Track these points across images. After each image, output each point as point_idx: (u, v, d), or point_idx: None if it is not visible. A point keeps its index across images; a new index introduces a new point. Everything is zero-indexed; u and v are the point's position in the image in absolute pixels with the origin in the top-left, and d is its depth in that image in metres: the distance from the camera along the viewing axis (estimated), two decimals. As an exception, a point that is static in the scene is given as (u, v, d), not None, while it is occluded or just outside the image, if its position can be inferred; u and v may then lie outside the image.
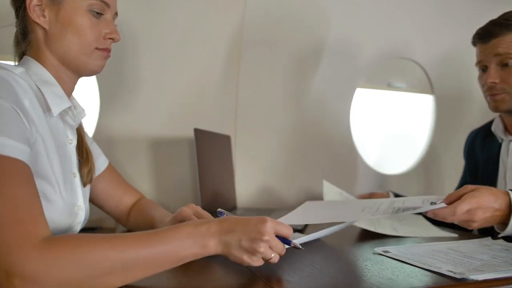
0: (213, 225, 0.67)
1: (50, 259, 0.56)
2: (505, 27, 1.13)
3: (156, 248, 0.62)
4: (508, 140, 1.22)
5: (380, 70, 1.85)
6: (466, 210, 0.84)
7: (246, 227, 0.67)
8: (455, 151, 1.94)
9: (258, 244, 0.66)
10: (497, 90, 1.16)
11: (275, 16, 1.61)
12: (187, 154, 1.54)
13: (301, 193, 1.74)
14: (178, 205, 1.48)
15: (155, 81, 1.47)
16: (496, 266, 0.74)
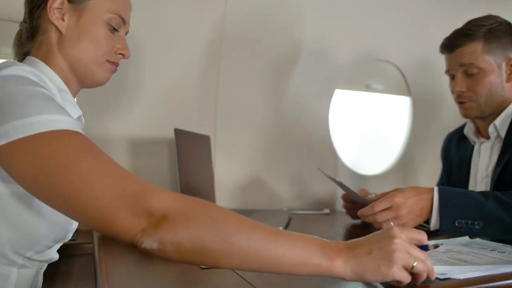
0: (341, 244, 0.61)
1: (185, 204, 0.57)
2: (466, 36, 1.16)
3: (290, 245, 0.58)
4: (480, 142, 1.26)
5: (359, 71, 1.87)
6: (389, 208, 0.94)
7: (374, 236, 0.62)
8: (430, 153, 1.98)
9: (392, 249, 0.58)
10: (464, 98, 1.20)
11: (256, 17, 1.61)
12: (166, 155, 1.52)
13: (281, 193, 1.74)
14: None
15: (134, 80, 1.44)
16: (477, 265, 0.75)
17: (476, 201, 0.92)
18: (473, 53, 1.16)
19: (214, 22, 1.55)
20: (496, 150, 1.19)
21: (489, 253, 0.86)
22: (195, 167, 1.38)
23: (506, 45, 1.17)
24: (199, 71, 1.56)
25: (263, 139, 1.72)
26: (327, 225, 1.44)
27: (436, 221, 0.95)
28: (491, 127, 1.19)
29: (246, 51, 1.62)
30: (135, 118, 1.46)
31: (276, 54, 1.67)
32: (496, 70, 1.16)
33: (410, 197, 0.95)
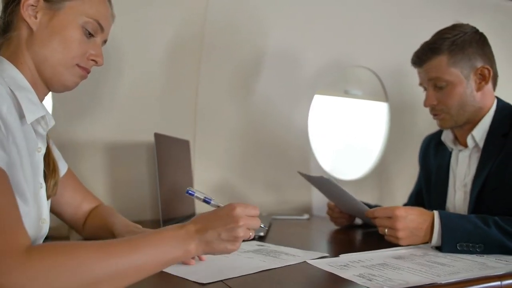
0: (190, 227, 0.68)
1: (37, 268, 0.52)
2: (431, 51, 1.18)
3: (146, 252, 0.61)
4: (458, 150, 1.26)
5: (338, 77, 1.89)
6: (389, 216, 0.99)
7: (221, 220, 0.70)
8: (406, 158, 2.01)
9: (236, 231, 0.69)
10: (437, 111, 1.22)
11: (235, 22, 1.61)
12: (144, 159, 1.50)
13: (261, 198, 1.74)
14: (136, 211, 1.45)
15: (112, 83, 1.42)
16: (455, 268, 0.77)
17: (477, 226, 0.93)
18: (439, 67, 1.17)
19: (194, 26, 1.54)
20: (474, 159, 1.20)
21: (467, 256, 0.88)
22: (174, 172, 1.37)
23: (472, 55, 1.16)
24: (179, 75, 1.55)
25: (242, 144, 1.71)
26: (308, 229, 1.44)
27: (436, 242, 0.96)
28: (469, 138, 1.20)
29: (225, 57, 1.62)
30: (112, 122, 1.44)
31: (255, 60, 1.67)
32: (464, 81, 1.16)
33: (412, 214, 0.98)
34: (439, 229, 0.95)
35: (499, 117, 1.17)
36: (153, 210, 1.49)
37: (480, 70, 1.17)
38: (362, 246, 1.05)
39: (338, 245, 1.16)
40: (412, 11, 1.90)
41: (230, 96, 1.67)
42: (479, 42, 1.18)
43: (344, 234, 1.28)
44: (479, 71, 1.17)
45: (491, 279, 0.72)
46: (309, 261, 0.85)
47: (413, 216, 0.98)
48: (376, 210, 1.04)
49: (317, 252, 0.93)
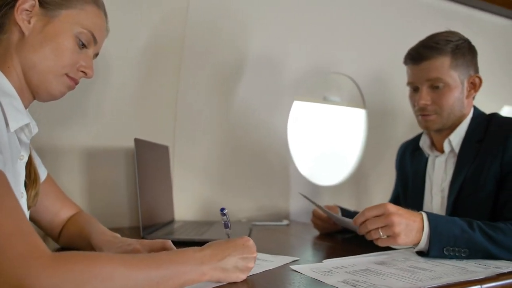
0: (208, 252, 0.70)
1: (63, 272, 0.52)
2: (435, 50, 1.17)
3: (166, 269, 0.63)
4: (434, 155, 1.29)
5: (317, 84, 1.91)
6: (380, 215, 0.93)
7: (238, 250, 0.73)
8: (383, 164, 2.04)
9: (251, 262, 0.74)
10: (428, 111, 1.21)
11: (215, 27, 1.60)
12: (123, 165, 1.47)
13: (240, 204, 1.73)
14: (114, 218, 1.43)
15: (90, 88, 1.39)
16: (436, 273, 0.78)
17: (463, 231, 0.92)
18: (441, 68, 1.16)
19: (175, 30, 1.53)
20: (450, 164, 1.23)
21: (448, 261, 0.90)
22: (154, 178, 1.35)
23: (469, 62, 1.19)
24: (158, 80, 1.53)
25: (222, 150, 1.70)
26: (289, 235, 1.44)
27: (425, 245, 0.93)
28: (446, 142, 1.22)
29: (206, 61, 1.61)
30: (90, 127, 1.41)
31: (236, 65, 1.67)
32: (459, 86, 1.19)
33: (401, 210, 0.93)
34: (428, 233, 0.92)
35: (474, 124, 1.21)
36: (132, 216, 1.47)
37: (473, 79, 1.21)
38: (344, 251, 1.05)
39: (320, 250, 1.16)
40: (390, 20, 1.94)
41: (210, 102, 1.66)
42: (473, 52, 1.22)
43: (325, 239, 1.28)
44: (471, 79, 1.21)
45: (472, 283, 0.73)
46: (293, 266, 0.85)
47: (403, 211, 0.93)
48: (365, 211, 0.96)
49: (289, 256, 0.94)
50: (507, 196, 1.07)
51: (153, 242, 0.85)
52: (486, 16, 2.13)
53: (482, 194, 1.11)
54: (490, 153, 1.12)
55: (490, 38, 2.13)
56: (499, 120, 1.19)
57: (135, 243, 0.85)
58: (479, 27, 2.10)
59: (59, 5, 0.80)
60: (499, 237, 0.92)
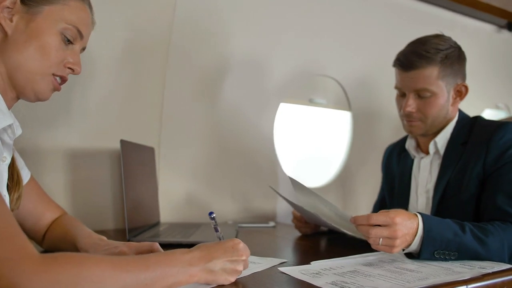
0: (196, 254, 0.69)
1: (54, 274, 0.52)
2: (425, 59, 1.16)
3: (155, 271, 0.62)
4: (420, 157, 1.31)
5: (303, 86, 1.91)
6: (385, 226, 0.88)
7: (227, 252, 0.72)
8: (368, 165, 2.06)
9: (239, 265, 0.73)
10: (414, 118, 1.22)
11: (203, 27, 1.60)
12: (108, 167, 1.45)
13: (226, 206, 1.73)
14: (99, 221, 1.41)
15: (76, 88, 1.37)
16: (423, 274, 0.79)
17: (456, 234, 0.92)
18: (428, 78, 1.16)
19: (161, 32, 1.52)
20: (435, 166, 1.25)
21: (434, 262, 0.91)
22: (140, 180, 1.33)
23: (457, 71, 1.20)
24: (143, 82, 1.52)
25: (207, 151, 1.70)
26: (275, 237, 1.44)
27: (416, 248, 0.93)
28: (431, 144, 1.25)
29: (192, 63, 1.61)
30: (75, 128, 1.39)
31: (222, 67, 1.67)
32: (445, 95, 1.20)
33: (405, 220, 0.90)
34: (421, 236, 0.91)
35: (459, 127, 1.23)
36: (117, 219, 1.45)
37: (459, 87, 1.22)
38: (331, 252, 1.05)
39: (307, 252, 1.16)
40: (375, 24, 1.96)
41: (197, 103, 1.65)
42: (462, 60, 1.22)
43: (312, 241, 1.28)
44: (458, 88, 1.22)
45: (458, 283, 0.74)
46: (282, 269, 0.84)
47: (406, 221, 0.90)
48: (371, 217, 0.91)
49: (277, 258, 0.93)
50: (490, 197, 1.09)
51: (140, 244, 0.84)
52: (469, 21, 2.17)
53: (465, 195, 1.13)
54: (473, 155, 1.15)
55: (473, 43, 2.17)
56: (482, 123, 1.21)
57: (122, 246, 0.84)
58: (462, 32, 2.14)
59: (41, 1, 0.78)
60: (488, 240, 0.94)
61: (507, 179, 1.07)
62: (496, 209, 1.06)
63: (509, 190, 1.06)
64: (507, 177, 1.08)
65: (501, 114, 2.69)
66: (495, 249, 0.94)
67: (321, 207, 1.21)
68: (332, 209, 1.15)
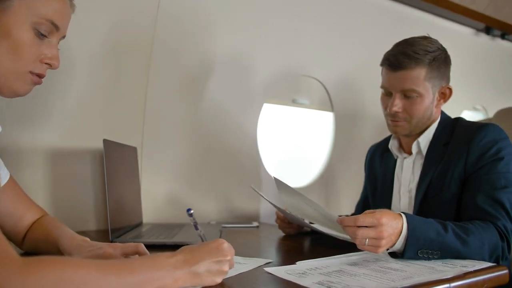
0: (180, 257, 0.68)
1: (37, 278, 0.51)
2: (413, 60, 1.17)
3: (140, 275, 0.61)
4: (403, 157, 1.33)
5: (286, 86, 1.92)
6: (372, 226, 0.89)
7: (211, 253, 0.71)
8: (350, 165, 2.08)
9: (225, 265, 0.72)
10: (399, 118, 1.23)
11: (188, 26, 1.59)
12: (89, 166, 1.43)
13: (209, 206, 1.72)
14: (80, 222, 1.38)
15: (55, 86, 1.34)
16: (407, 273, 0.80)
17: (438, 234, 0.93)
18: (416, 79, 1.17)
19: (144, 31, 1.50)
20: (418, 166, 1.27)
21: (417, 261, 0.92)
22: (122, 179, 1.32)
23: (443, 74, 1.22)
24: (126, 80, 1.50)
25: (190, 151, 1.68)
26: (259, 237, 1.44)
27: (400, 247, 0.93)
28: (414, 144, 1.26)
29: (176, 61, 1.59)
30: (56, 127, 1.36)
31: (206, 66, 1.66)
32: (431, 96, 1.21)
33: (391, 221, 0.90)
34: (405, 236, 0.92)
35: (441, 128, 1.26)
36: (98, 219, 1.43)
37: (444, 89, 1.24)
38: (315, 252, 1.06)
39: (291, 252, 1.16)
40: (358, 26, 1.98)
41: (180, 102, 1.64)
42: (448, 63, 1.25)
43: (295, 241, 1.29)
44: (442, 90, 1.24)
45: (441, 282, 0.75)
46: (268, 269, 0.85)
47: (392, 222, 0.91)
48: (358, 218, 0.91)
49: (263, 258, 0.93)
50: (470, 197, 1.11)
51: (125, 245, 0.83)
52: (448, 24, 2.21)
53: (447, 195, 1.16)
54: (455, 155, 1.17)
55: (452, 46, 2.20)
56: (464, 124, 1.24)
57: (106, 247, 0.83)
58: (441, 34, 2.17)
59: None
60: (469, 239, 0.96)
61: (487, 179, 1.10)
62: (476, 208, 1.08)
63: (488, 190, 1.09)
64: (487, 177, 1.10)
65: (479, 115, 2.75)
66: (476, 248, 0.96)
67: (305, 207, 1.21)
68: (317, 209, 1.15)
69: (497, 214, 1.06)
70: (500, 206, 1.06)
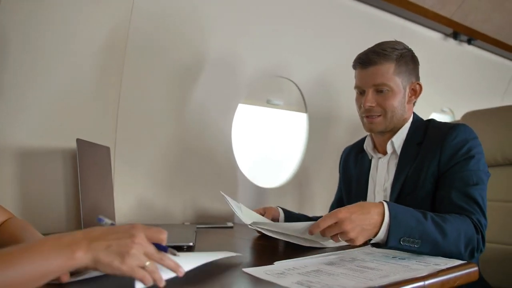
0: (79, 234, 0.62)
1: None
2: (382, 56, 1.26)
3: (20, 267, 0.55)
4: (377, 157, 1.37)
5: (261, 87, 1.92)
6: (335, 223, 0.94)
7: (117, 234, 0.63)
8: (324, 166, 2.11)
9: (128, 246, 0.61)
10: (374, 112, 1.29)
11: (162, 25, 1.56)
12: (60, 166, 1.39)
13: (184, 207, 1.71)
14: (50, 223, 1.34)
15: (27, 84, 1.30)
16: (383, 271, 0.81)
17: (419, 222, 0.98)
18: (386, 73, 1.25)
19: (119, 27, 1.47)
20: (392, 165, 1.31)
21: (391, 260, 0.94)
22: (95, 180, 1.29)
23: (411, 70, 1.30)
24: (100, 78, 1.47)
25: (165, 152, 1.67)
26: (234, 237, 1.43)
27: (383, 236, 0.97)
28: (389, 144, 1.31)
29: (150, 60, 1.57)
30: (25, 126, 1.32)
31: (181, 65, 1.65)
32: (402, 91, 1.28)
33: (355, 212, 0.94)
34: (388, 224, 0.96)
35: (414, 128, 1.31)
36: (70, 221, 1.39)
37: (414, 85, 1.31)
38: (292, 252, 1.06)
39: (268, 252, 1.16)
40: (333, 29, 2.00)
41: (154, 102, 1.61)
42: (416, 62, 1.32)
43: (269, 241, 1.28)
44: (412, 86, 1.31)
45: (417, 280, 0.77)
46: (246, 269, 0.84)
47: (357, 213, 0.95)
48: (319, 222, 0.96)
49: (229, 252, 0.93)
50: (445, 194, 1.16)
51: None
52: (418, 28, 2.27)
53: (421, 192, 1.20)
54: (428, 154, 1.22)
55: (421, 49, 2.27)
56: (436, 125, 1.30)
57: None
58: (412, 38, 2.23)
59: None
60: (447, 228, 1.00)
61: (460, 177, 1.16)
62: (451, 204, 1.13)
63: (462, 187, 1.14)
64: (460, 175, 1.16)
65: (446, 118, 2.84)
66: (453, 237, 1.00)
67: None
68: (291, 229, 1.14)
69: (471, 209, 1.11)
70: (474, 202, 1.12)
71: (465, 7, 2.19)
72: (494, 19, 2.37)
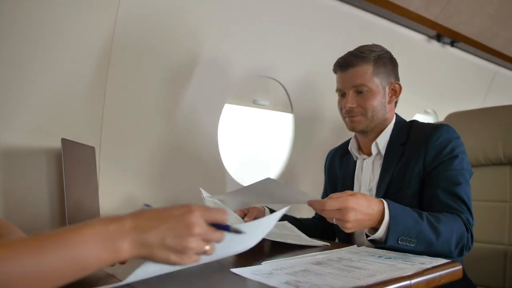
0: (127, 222, 0.55)
1: None
2: (360, 58, 1.29)
3: (53, 255, 0.48)
4: (362, 158, 1.39)
5: (247, 87, 1.93)
6: (338, 209, 0.94)
7: (170, 222, 0.56)
8: (310, 167, 2.12)
9: (187, 240, 0.56)
10: (355, 113, 1.32)
11: (149, 25, 1.55)
12: (44, 166, 1.37)
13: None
14: (34, 224, 1.32)
15: (11, 84, 1.27)
16: (370, 271, 0.82)
17: (416, 222, 1.00)
18: (365, 74, 1.29)
19: (105, 25, 1.45)
20: (377, 166, 1.33)
21: (377, 259, 0.95)
22: (80, 180, 1.27)
23: (390, 71, 1.34)
24: (85, 76, 1.45)
25: (151, 152, 1.65)
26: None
27: (382, 235, 0.99)
28: (373, 145, 1.33)
29: (137, 60, 1.55)
30: (7, 125, 1.29)
31: (167, 66, 1.63)
32: (381, 92, 1.32)
33: (362, 206, 0.95)
34: (387, 223, 0.97)
35: (397, 129, 1.34)
36: (54, 221, 1.37)
37: (393, 86, 1.34)
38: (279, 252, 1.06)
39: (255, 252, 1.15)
40: (319, 30, 2.01)
41: (140, 101, 1.60)
42: (394, 63, 1.36)
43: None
44: (392, 86, 1.34)
45: (403, 279, 0.79)
46: (234, 270, 0.84)
47: (363, 207, 0.95)
48: (326, 202, 0.95)
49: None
50: (432, 193, 1.19)
51: None
52: (403, 30, 2.30)
53: (407, 191, 1.23)
54: (413, 154, 1.24)
55: (405, 50, 2.30)
56: (419, 126, 1.33)
57: None
58: (396, 40, 2.26)
59: None
60: (441, 227, 1.02)
61: (446, 176, 1.19)
62: (440, 203, 1.16)
63: (448, 186, 1.17)
64: (445, 174, 1.19)
65: (430, 119, 2.88)
66: (446, 237, 1.03)
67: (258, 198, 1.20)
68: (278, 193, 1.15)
69: (460, 208, 1.14)
70: (461, 201, 1.15)
71: (448, 10, 2.23)
72: (475, 22, 2.42)
